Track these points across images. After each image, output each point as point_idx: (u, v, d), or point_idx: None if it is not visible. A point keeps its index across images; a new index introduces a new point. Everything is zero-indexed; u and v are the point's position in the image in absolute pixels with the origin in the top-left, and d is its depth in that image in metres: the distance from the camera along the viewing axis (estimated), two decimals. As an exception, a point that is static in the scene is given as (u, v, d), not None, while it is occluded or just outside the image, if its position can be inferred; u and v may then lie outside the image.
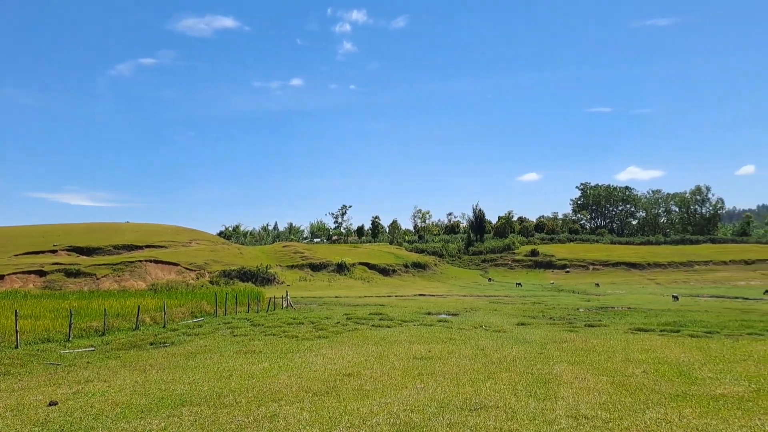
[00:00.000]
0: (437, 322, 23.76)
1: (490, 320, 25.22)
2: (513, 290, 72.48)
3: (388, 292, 65.78)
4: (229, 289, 45.27)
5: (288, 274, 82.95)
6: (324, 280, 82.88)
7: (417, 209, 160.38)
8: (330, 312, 31.18)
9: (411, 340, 16.60)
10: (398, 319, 25.20)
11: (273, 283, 74.85)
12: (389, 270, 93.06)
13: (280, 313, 30.27)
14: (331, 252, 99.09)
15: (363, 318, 26.20)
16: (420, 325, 22.51)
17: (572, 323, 23.78)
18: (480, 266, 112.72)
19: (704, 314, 30.62)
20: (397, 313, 29.34)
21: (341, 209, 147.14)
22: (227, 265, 77.59)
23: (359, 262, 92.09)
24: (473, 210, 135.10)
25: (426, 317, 27.17)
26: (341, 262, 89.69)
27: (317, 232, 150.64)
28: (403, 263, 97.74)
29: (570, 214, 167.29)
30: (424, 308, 35.14)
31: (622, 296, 61.51)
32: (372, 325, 22.58)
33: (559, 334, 18.00)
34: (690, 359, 11.80)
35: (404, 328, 21.08)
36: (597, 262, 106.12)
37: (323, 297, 52.79)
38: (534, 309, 35.03)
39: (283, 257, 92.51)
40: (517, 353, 13.36)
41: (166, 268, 71.52)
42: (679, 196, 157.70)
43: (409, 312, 31.12)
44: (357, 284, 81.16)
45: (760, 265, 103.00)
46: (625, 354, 12.87)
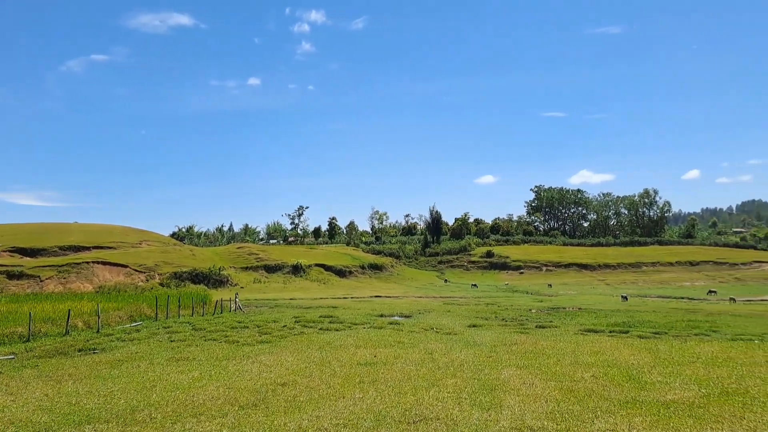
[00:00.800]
0: (388, 325, 23.14)
1: (442, 322, 24.78)
2: (468, 291, 72.77)
3: (344, 293, 65.01)
4: (175, 291, 43.55)
5: (242, 276, 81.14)
6: (279, 282, 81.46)
7: (374, 210, 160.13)
8: (279, 315, 30.17)
9: (358, 344, 15.90)
10: (348, 322, 24.48)
11: (226, 285, 73.02)
12: (346, 271, 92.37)
13: (227, 317, 29.08)
14: (286, 253, 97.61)
15: (312, 321, 25.37)
16: (370, 328, 21.84)
17: (523, 324, 23.56)
18: (436, 267, 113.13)
19: (652, 314, 31.05)
20: (349, 316, 28.60)
21: (298, 210, 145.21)
22: (178, 266, 75.29)
23: (315, 264, 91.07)
24: (430, 212, 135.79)
25: (377, 320, 26.53)
26: (297, 264, 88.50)
27: (273, 234, 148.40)
28: (360, 264, 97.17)
29: (524, 216, 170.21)
30: (378, 310, 34.52)
31: (573, 297, 62.49)
32: (320, 328, 21.77)
33: (510, 336, 17.62)
34: (639, 362, 11.49)
35: (353, 331, 20.37)
36: (550, 264, 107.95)
37: (277, 299, 51.64)
38: (487, 310, 34.87)
39: (237, 259, 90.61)
40: (466, 357, 12.83)
41: (114, 270, 68.84)
42: (629, 199, 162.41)
43: (361, 314, 30.41)
44: (313, 286, 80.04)
45: (704, 266, 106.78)
46: (574, 356, 12.50)
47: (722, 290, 77.88)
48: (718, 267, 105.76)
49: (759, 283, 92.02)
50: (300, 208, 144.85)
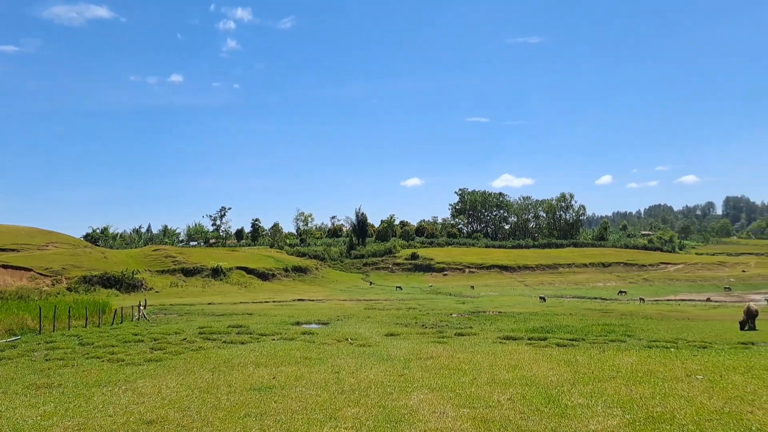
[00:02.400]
0: (301, 335, 21.61)
1: (358, 331, 23.54)
2: (393, 294, 72.28)
3: (266, 297, 62.78)
4: (72, 298, 39.89)
5: (158, 280, 76.99)
6: (198, 286, 77.90)
7: (299, 212, 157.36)
8: (186, 324, 27.88)
9: (259, 361, 14.32)
10: (258, 333, 22.72)
11: (140, 290, 68.90)
12: (268, 274, 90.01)
13: (126, 328, 26.48)
14: (206, 256, 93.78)
15: (219, 332, 23.41)
16: (280, 340, 20.26)
17: (443, 332, 22.73)
18: (362, 270, 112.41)
19: (569, 318, 31.23)
20: (261, 325, 26.80)
21: (220, 211, 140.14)
22: (88, 270, 70.47)
23: (237, 267, 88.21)
24: (356, 214, 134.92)
25: (291, 329, 24.93)
26: (217, 267, 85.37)
27: (194, 235, 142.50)
28: (284, 267, 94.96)
29: (449, 218, 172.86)
30: (295, 317, 32.86)
31: (494, 298, 63.33)
32: (224, 341, 19.92)
33: (427, 348, 16.60)
34: (559, 378, 10.67)
35: (260, 344, 18.70)
36: (473, 265, 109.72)
37: (194, 304, 48.85)
38: (408, 315, 34.00)
39: (153, 262, 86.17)
40: (375, 376, 11.59)
41: (16, 274, 63.35)
42: (547, 202, 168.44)
43: (276, 322, 28.66)
44: (233, 290, 77.01)
45: (615, 268, 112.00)
46: (491, 373, 11.55)
47: (632, 290, 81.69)
48: (628, 268, 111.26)
49: (664, 283, 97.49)
50: (222, 209, 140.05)
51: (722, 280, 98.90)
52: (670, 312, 40.93)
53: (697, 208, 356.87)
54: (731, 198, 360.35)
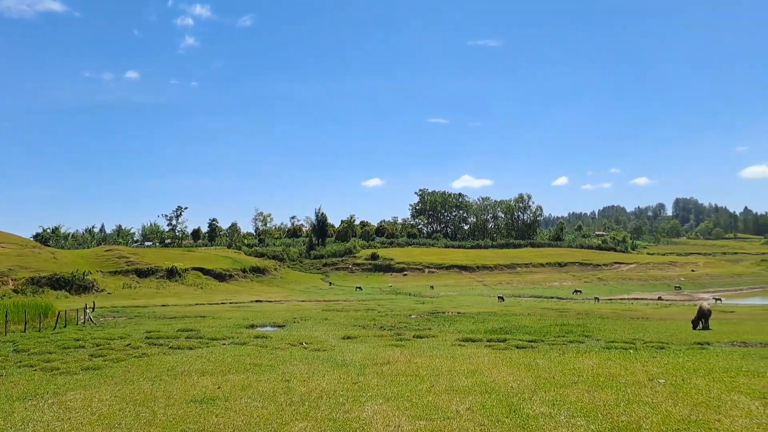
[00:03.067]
0: (254, 339, 20.74)
1: (314, 334, 22.81)
2: (352, 294, 71.54)
3: (223, 298, 61.19)
4: (11, 301, 37.75)
5: (110, 281, 74.18)
6: (152, 287, 75.44)
7: (258, 212, 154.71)
8: (133, 328, 26.56)
9: (205, 369, 13.46)
10: (209, 337, 21.73)
11: (91, 291, 66.18)
12: (225, 275, 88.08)
13: (68, 332, 25.00)
14: (161, 256, 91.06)
15: (167, 336, 22.29)
16: (231, 344, 19.35)
17: (401, 334, 22.21)
18: (321, 270, 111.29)
19: (527, 318, 31.20)
20: (213, 328, 25.72)
21: (176, 211, 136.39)
22: (36, 271, 67.30)
23: (193, 267, 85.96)
24: (316, 214, 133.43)
25: (244, 332, 23.99)
26: (172, 268, 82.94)
27: (150, 236, 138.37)
28: (241, 268, 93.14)
29: (409, 218, 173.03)
30: (250, 319, 31.84)
31: (453, 298, 63.32)
32: (171, 346, 18.89)
33: (384, 352, 16.03)
34: (519, 384, 10.24)
35: (208, 349, 17.77)
36: (432, 265, 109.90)
37: (147, 306, 47.08)
38: (366, 317, 33.39)
39: (105, 262, 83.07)
40: (328, 384, 10.93)
41: (-43, 276, 60.10)
42: (505, 203, 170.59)
43: (229, 326, 27.61)
44: (189, 291, 74.90)
45: (571, 267, 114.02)
46: (450, 379, 11.05)
47: (587, 290, 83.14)
48: (584, 268, 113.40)
49: (618, 282, 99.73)
50: (179, 208, 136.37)
51: (673, 279, 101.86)
52: (624, 311, 41.53)
53: (649, 209, 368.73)
54: (681, 200, 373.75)
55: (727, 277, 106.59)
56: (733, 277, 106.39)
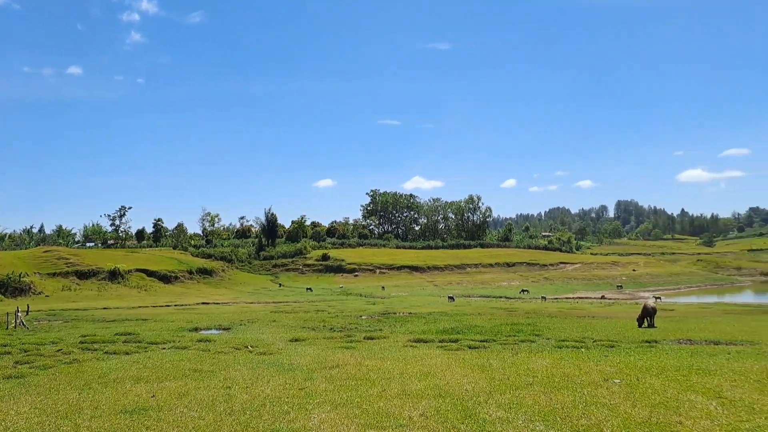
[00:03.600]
0: (196, 343, 19.71)
1: (261, 336, 21.92)
2: (303, 295, 70.43)
3: (168, 301, 59.05)
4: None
5: (48, 283, 70.58)
6: (93, 290, 72.25)
7: (206, 212, 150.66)
8: (68, 332, 24.94)
9: (140, 375, 12.51)
10: (148, 341, 20.53)
11: (28, 294, 62.80)
12: (171, 277, 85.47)
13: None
14: (103, 257, 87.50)
15: (103, 340, 20.96)
16: (171, 349, 18.29)
17: (351, 336, 21.62)
18: (271, 271, 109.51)
19: (478, 318, 31.17)
20: (153, 332, 24.42)
21: (119, 210, 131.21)
22: (-32, 273, 63.53)
23: (137, 269, 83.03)
24: (265, 214, 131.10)
25: (187, 336, 22.85)
26: (115, 269, 79.92)
27: (92, 236, 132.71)
28: (188, 269, 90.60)
29: (360, 219, 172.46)
30: (195, 322, 30.54)
31: (404, 298, 63.16)
32: (106, 351, 17.67)
33: (333, 354, 15.41)
34: (474, 387, 9.85)
35: (146, 354, 16.69)
36: (384, 266, 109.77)
37: (88, 309, 44.76)
38: (316, 318, 32.64)
39: (43, 264, 79.20)
40: (272, 391, 10.25)
41: None
42: (456, 204, 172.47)
43: (171, 329, 26.33)
44: (132, 293, 72.05)
45: (519, 267, 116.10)
46: (402, 383, 10.56)
47: (534, 289, 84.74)
48: (531, 268, 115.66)
49: (563, 282, 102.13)
50: (122, 208, 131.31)
51: (615, 278, 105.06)
52: (570, 310, 42.22)
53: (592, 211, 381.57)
54: (622, 202, 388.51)
55: (666, 276, 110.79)
56: (671, 277, 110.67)
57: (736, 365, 11.89)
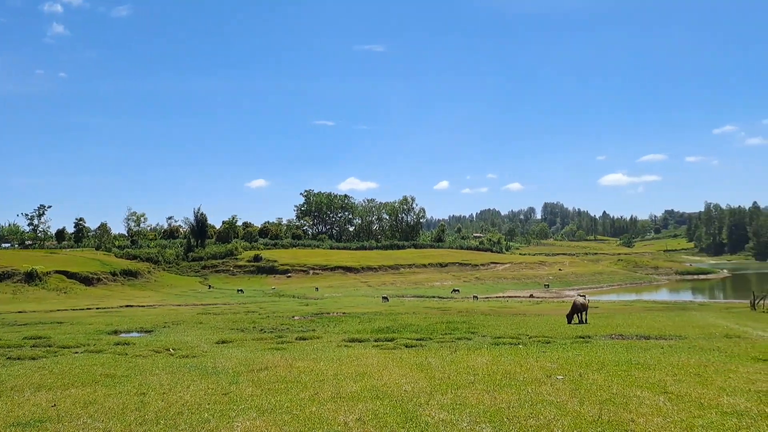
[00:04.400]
0: (113, 346, 18.17)
1: (185, 339, 20.56)
2: (233, 297, 68.25)
3: (89, 303, 55.64)
4: None
5: (-42, 287, 65.31)
6: (8, 293, 67.30)
7: (131, 211, 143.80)
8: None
9: (43, 383, 11.14)
10: (60, 345, 18.77)
11: (-66, 298, 57.70)
12: (93, 279, 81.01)
13: None
14: (19, 258, 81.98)
15: (9, 345, 18.98)
16: (84, 353, 16.72)
17: (283, 337, 20.65)
18: (200, 273, 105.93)
19: (413, 317, 30.84)
20: (67, 335, 22.49)
21: (38, 210, 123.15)
22: None
23: (56, 270, 78.17)
24: (195, 214, 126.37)
25: (104, 339, 21.14)
26: (32, 271, 74.95)
27: (8, 236, 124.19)
28: (111, 271, 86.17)
29: (294, 220, 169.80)
30: (115, 324, 28.54)
31: (338, 299, 62.35)
32: (10, 357, 15.87)
33: (262, 356, 14.45)
34: (414, 387, 9.25)
35: (55, 359, 15.11)
36: (317, 267, 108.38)
37: (1, 313, 41.26)
38: (246, 319, 31.31)
39: (-46, 265, 73.30)
40: (192, 397, 9.26)
41: None
42: (390, 205, 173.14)
43: (88, 332, 24.42)
44: (51, 296, 67.51)
45: (452, 267, 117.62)
46: (336, 385, 9.82)
47: (466, 289, 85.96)
48: (463, 268, 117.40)
49: (494, 282, 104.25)
50: (41, 207, 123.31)
51: (542, 278, 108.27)
52: (501, 308, 42.77)
53: (521, 212, 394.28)
54: (549, 204, 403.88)
55: (589, 275, 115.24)
56: (594, 276, 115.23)
57: (673, 359, 11.95)
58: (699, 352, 13.35)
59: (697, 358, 12.19)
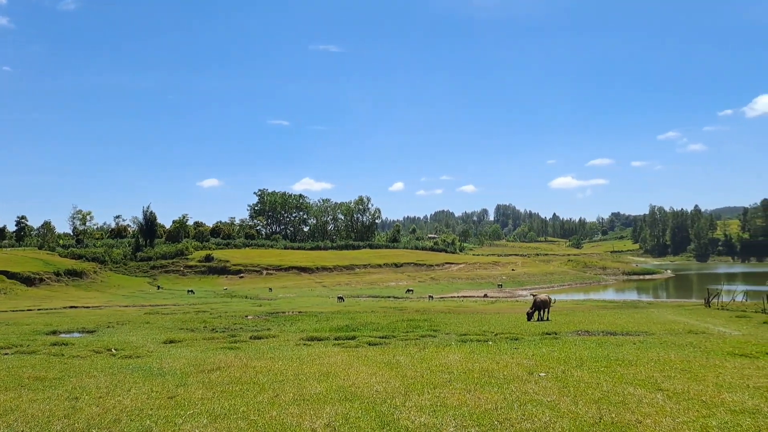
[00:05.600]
0: (49, 347, 16.58)
1: (130, 338, 19.08)
2: (183, 298, 65.93)
3: (30, 305, 52.56)
4: None
5: None
6: (-60, 294, 63.13)
7: (77, 210, 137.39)
8: None
9: (-41, 390, 9.74)
10: (-13, 347, 17.06)
11: None
12: (35, 279, 77.44)
13: None
14: (-45, 259, 77.27)
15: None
16: (15, 354, 15.15)
17: (236, 336, 19.42)
18: (149, 273, 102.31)
19: (371, 315, 30.04)
20: None
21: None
22: None
23: (-6, 270, 74.06)
24: (144, 213, 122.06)
25: (39, 339, 19.43)
26: (-33, 271, 70.64)
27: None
28: (54, 271, 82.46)
29: (247, 219, 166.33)
30: (54, 325, 26.60)
31: (293, 299, 60.92)
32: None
33: (214, 355, 13.29)
34: (386, 387, 8.39)
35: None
36: (271, 267, 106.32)
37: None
38: (196, 319, 29.78)
39: None
40: (133, 402, 8.12)
41: None
42: (345, 205, 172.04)
43: (24, 332, 22.56)
44: (-11, 297, 63.58)
45: (407, 268, 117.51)
46: (297, 385, 8.85)
47: (422, 289, 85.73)
48: (418, 268, 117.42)
49: (449, 282, 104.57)
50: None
51: (496, 278, 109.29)
52: (457, 308, 42.44)
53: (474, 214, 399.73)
54: (501, 206, 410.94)
55: (541, 275, 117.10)
56: (546, 276, 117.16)
57: (651, 354, 11.50)
58: (672, 347, 12.99)
59: (675, 353, 11.79)
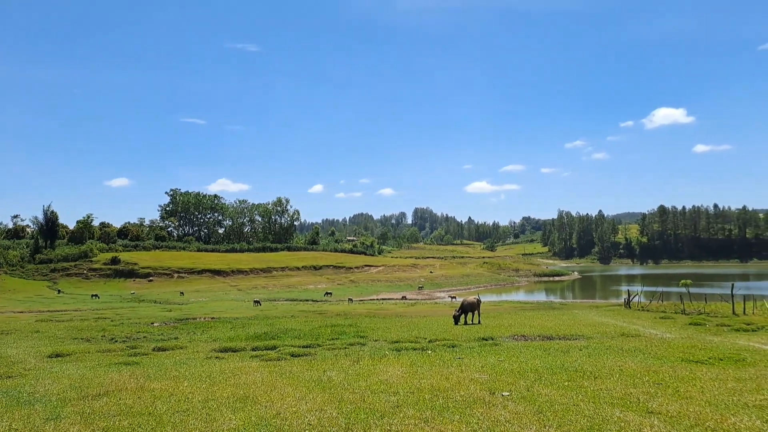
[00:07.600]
0: None
1: (8, 352, 16.20)
2: (87, 303, 60.70)
3: None
4: None
5: None
6: None
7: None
8: None
9: None
10: None
11: None
12: None
13: None
14: None
15: None
16: None
17: (137, 347, 16.98)
18: (49, 276, 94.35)
19: (293, 320, 28.16)
20: None
21: None
22: None
23: None
24: (44, 212, 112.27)
25: None
26: None
27: None
28: (-59, 274, 73.66)
29: (158, 220, 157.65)
30: None
31: (205, 304, 57.50)
32: None
33: (105, 374, 11.05)
34: (321, 419, 6.72)
35: None
36: (183, 270, 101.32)
37: None
38: (95, 327, 26.63)
39: None
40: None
41: None
42: (263, 206, 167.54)
43: None
44: None
45: (326, 270, 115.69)
46: (206, 417, 7.02)
47: (341, 291, 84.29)
48: (337, 270, 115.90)
49: (368, 284, 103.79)
50: None
51: (415, 280, 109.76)
52: (378, 310, 41.33)
53: (393, 217, 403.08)
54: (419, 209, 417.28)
55: (458, 277, 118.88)
56: (463, 278, 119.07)
57: (607, 363, 10.57)
58: (623, 354, 12.21)
59: (631, 361, 10.93)
